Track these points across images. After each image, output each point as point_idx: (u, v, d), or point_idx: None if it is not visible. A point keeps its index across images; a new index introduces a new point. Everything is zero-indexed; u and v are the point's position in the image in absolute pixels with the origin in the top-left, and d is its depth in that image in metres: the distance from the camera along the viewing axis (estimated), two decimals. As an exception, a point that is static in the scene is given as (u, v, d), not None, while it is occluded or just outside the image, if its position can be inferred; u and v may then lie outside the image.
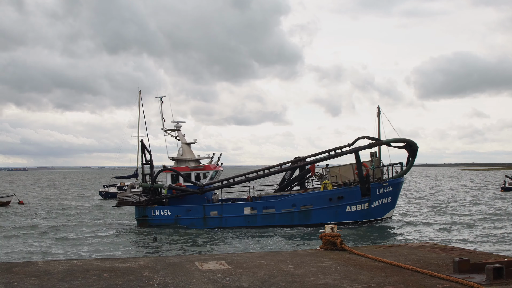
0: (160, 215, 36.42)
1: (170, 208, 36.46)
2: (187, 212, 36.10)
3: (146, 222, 36.51)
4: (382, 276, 7.60)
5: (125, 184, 75.24)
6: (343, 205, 34.56)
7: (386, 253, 9.61)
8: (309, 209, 34.69)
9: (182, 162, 39.43)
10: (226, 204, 36.47)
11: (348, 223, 34.58)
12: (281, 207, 34.99)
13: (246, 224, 35.09)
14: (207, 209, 36.04)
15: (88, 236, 32.51)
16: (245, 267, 8.41)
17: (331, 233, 10.06)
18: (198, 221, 35.72)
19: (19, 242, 30.58)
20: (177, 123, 40.88)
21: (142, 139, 39.43)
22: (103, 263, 9.02)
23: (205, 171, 38.21)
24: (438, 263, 8.60)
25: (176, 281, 7.41)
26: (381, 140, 36.84)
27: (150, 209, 36.68)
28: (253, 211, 35.34)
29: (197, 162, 39.63)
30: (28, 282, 7.53)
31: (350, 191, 34.76)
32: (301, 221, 34.74)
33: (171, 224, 35.87)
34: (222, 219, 35.39)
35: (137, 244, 29.24)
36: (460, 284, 6.88)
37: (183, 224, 35.79)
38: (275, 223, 34.69)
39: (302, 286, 6.99)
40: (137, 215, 37.38)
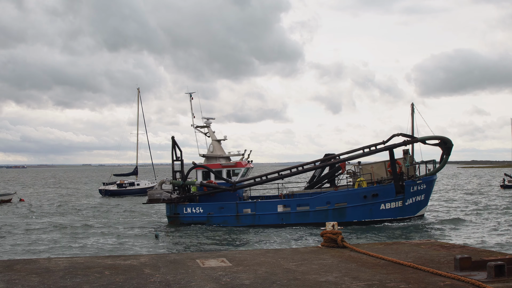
0: (192, 213, 35.87)
1: (202, 206, 35.87)
2: (219, 210, 35.54)
3: (177, 220, 35.98)
4: (383, 273, 7.59)
5: (124, 182, 75.23)
6: (378, 203, 34.15)
7: (387, 251, 9.61)
8: (344, 207, 34.22)
9: (212, 159, 38.78)
10: (259, 202, 35.89)
11: (383, 220, 34.20)
12: (315, 204, 34.48)
13: (279, 222, 34.55)
14: (240, 206, 35.48)
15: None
16: (246, 265, 8.40)
17: (332, 231, 10.06)
18: (231, 219, 35.16)
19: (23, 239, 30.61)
20: (206, 120, 40.18)
21: (173, 136, 38.20)
22: (104, 261, 9.02)
23: (236, 168, 37.64)
24: (439, 260, 8.60)
25: (178, 278, 7.41)
26: (416, 137, 36.25)
27: (182, 206, 36.06)
28: (287, 209, 34.83)
29: (228, 159, 39.06)
30: (29, 279, 7.53)
31: (385, 188, 34.31)
32: (336, 219, 33.57)
33: (203, 221, 35.38)
34: (255, 216, 34.82)
35: (138, 242, 29.24)
36: (461, 282, 6.88)
37: (216, 221, 35.27)
38: (309, 220, 34.13)
39: (303, 284, 6.99)
40: (168, 212, 36.66)
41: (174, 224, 35.75)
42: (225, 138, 39.98)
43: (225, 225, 34.72)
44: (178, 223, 35.77)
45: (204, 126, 40.17)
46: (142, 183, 77.55)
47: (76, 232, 33.34)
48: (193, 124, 40.38)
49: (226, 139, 39.91)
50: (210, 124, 40.18)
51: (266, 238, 30.08)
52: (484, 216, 39.31)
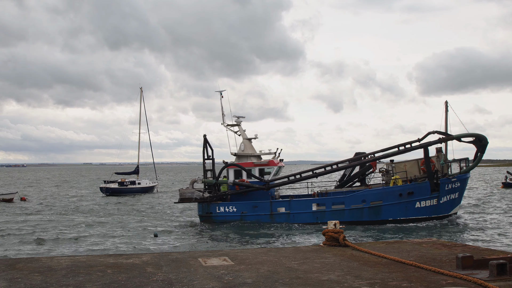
0: (225, 212, 35.60)
1: (235, 205, 35.61)
2: (253, 209, 35.31)
3: (210, 219, 35.71)
4: (385, 272, 7.60)
5: (125, 180, 75.22)
6: (413, 201, 33.92)
7: (389, 249, 9.61)
8: (379, 205, 33.96)
9: (243, 158, 38.50)
10: (293, 200, 35.48)
11: (418, 219, 33.97)
12: (350, 203, 34.25)
13: (314, 221, 34.25)
14: (274, 205, 35.21)
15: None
16: (248, 263, 8.41)
17: (334, 229, 10.06)
18: (265, 218, 34.91)
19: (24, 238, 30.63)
20: (237, 118, 39.84)
21: (205, 134, 37.84)
22: (107, 259, 9.03)
23: (269, 166, 37.35)
24: (441, 259, 8.60)
25: (180, 277, 7.42)
26: (451, 135, 35.92)
27: (215, 205, 35.77)
28: (322, 207, 34.58)
29: (259, 157, 38.74)
30: (32, 278, 7.54)
31: (420, 186, 34.04)
32: (371, 217, 34.00)
33: (237, 220, 35.11)
34: (290, 215, 34.56)
35: (139, 240, 29.25)
36: (463, 280, 6.88)
37: (249, 220, 34.98)
38: (344, 219, 33.53)
39: (305, 282, 7.00)
40: (201, 211, 36.36)
41: (206, 223, 35.35)
42: (256, 136, 39.55)
43: (259, 224, 34.29)
44: (210, 222, 35.41)
45: (235, 124, 39.76)
46: (143, 182, 77.62)
47: (77, 231, 33.37)
48: (223, 122, 39.91)
49: (257, 137, 39.50)
50: (241, 122, 39.77)
51: (268, 237, 30.09)
52: (486, 215, 39.28)
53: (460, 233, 30.42)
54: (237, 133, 39.79)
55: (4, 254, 24.60)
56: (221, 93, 40.75)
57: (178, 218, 41.55)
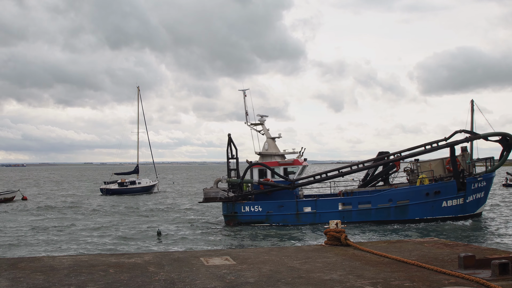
0: (251, 211, 35.45)
1: (261, 204, 35.42)
2: (279, 208, 35.15)
3: (235, 219, 35.60)
4: (387, 271, 7.60)
5: (125, 181, 75.22)
6: (439, 200, 33.90)
7: (390, 249, 9.61)
8: (406, 204, 33.88)
9: (267, 157, 38.38)
10: (320, 200, 35.48)
11: (444, 218, 33.94)
12: (377, 202, 34.16)
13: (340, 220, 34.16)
14: (300, 204, 35.09)
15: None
16: (250, 263, 8.41)
17: (336, 229, 10.07)
18: (291, 217, 34.79)
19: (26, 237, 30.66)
20: (261, 117, 39.67)
21: (229, 133, 37.86)
22: (109, 259, 9.03)
23: (294, 166, 37.25)
24: (443, 258, 8.60)
25: (182, 276, 7.42)
26: (478, 134, 35.85)
27: (240, 205, 35.71)
28: (348, 207, 34.49)
29: (282, 156, 38.62)
30: (34, 277, 7.54)
31: (447, 185, 33.99)
32: (398, 217, 33.92)
33: (262, 220, 35.03)
34: (316, 215, 34.43)
35: (140, 240, 29.29)
36: (466, 280, 6.88)
37: (275, 220, 34.89)
38: (371, 218, 33.91)
39: (308, 282, 7.00)
40: (226, 211, 36.29)
41: (231, 223, 35.29)
42: (280, 136, 39.37)
43: (285, 224, 34.24)
44: (235, 222, 35.35)
45: (258, 123, 39.59)
46: (143, 181, 77.64)
47: (78, 231, 33.40)
48: (246, 121, 39.77)
49: (281, 136, 39.36)
50: (264, 121, 39.59)
51: (269, 236, 30.12)
52: (487, 215, 39.30)
53: (462, 233, 30.43)
54: (260, 132, 39.49)
55: (5, 254, 24.62)
56: (244, 92, 40.40)
57: (179, 217, 41.57)
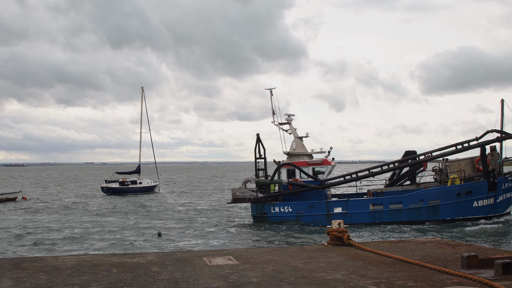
0: (281, 212, 35.14)
1: (291, 205, 35.16)
2: (309, 209, 34.85)
3: (264, 219, 35.30)
4: (390, 271, 7.60)
5: (126, 180, 75.21)
6: (471, 200, 33.71)
7: (393, 249, 9.62)
8: (437, 204, 33.67)
9: (295, 157, 38.03)
10: (350, 200, 35.17)
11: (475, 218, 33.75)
12: (408, 202, 33.89)
13: (371, 221, 33.96)
14: (330, 205, 34.81)
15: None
16: (253, 263, 8.42)
17: (338, 229, 10.07)
18: (321, 218, 34.39)
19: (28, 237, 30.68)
20: (288, 116, 39.29)
21: (258, 133, 37.47)
22: (111, 259, 9.04)
23: (323, 166, 36.86)
24: (445, 258, 8.60)
25: (185, 276, 7.43)
26: (510, 133, 35.42)
27: (269, 205, 35.41)
28: (379, 207, 34.22)
29: (310, 156, 38.23)
30: (37, 277, 7.55)
31: (478, 185, 33.80)
32: (429, 217, 33.69)
33: (292, 221, 34.72)
34: (347, 215, 34.02)
35: (142, 240, 29.30)
36: (469, 280, 6.88)
37: (305, 221, 34.55)
38: (402, 219, 33.60)
39: (311, 282, 7.00)
40: (255, 212, 35.92)
41: (260, 223, 34.94)
42: (307, 135, 39.04)
43: (315, 224, 33.96)
44: (265, 223, 35.03)
45: (286, 123, 39.23)
46: (145, 181, 77.65)
47: (79, 231, 33.42)
48: (273, 120, 39.41)
49: (308, 136, 39.03)
50: (292, 121, 39.23)
51: (270, 236, 30.12)
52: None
53: (464, 233, 30.42)
54: (287, 131, 39.13)
55: (8, 254, 24.65)
56: (271, 90, 39.98)
57: (179, 217, 41.57)
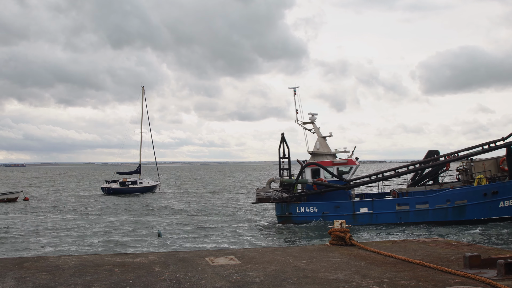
0: (306, 212, 34.90)
1: (316, 205, 34.95)
2: (335, 209, 34.65)
3: (289, 219, 35.07)
4: (393, 271, 7.60)
5: (127, 180, 75.18)
6: (497, 200, 33.52)
7: (395, 249, 9.61)
8: (464, 205, 33.50)
9: (319, 157, 37.79)
10: (376, 200, 34.96)
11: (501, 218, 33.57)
12: (434, 202, 33.70)
13: (397, 221, 33.81)
14: (356, 205, 34.61)
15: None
16: (255, 262, 8.42)
17: (340, 229, 10.06)
18: (347, 218, 33.63)
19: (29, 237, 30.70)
20: (311, 116, 39.08)
21: (283, 132, 37.36)
22: (113, 258, 9.05)
23: (348, 165, 36.71)
24: (448, 258, 8.60)
25: (188, 276, 7.43)
26: None
27: (295, 205, 35.17)
28: (405, 207, 34.03)
29: (334, 156, 38.02)
30: (40, 277, 7.55)
31: (505, 185, 33.54)
32: (455, 217, 33.54)
33: (318, 221, 34.46)
34: (373, 215, 33.96)
35: (143, 240, 29.30)
36: (472, 279, 6.88)
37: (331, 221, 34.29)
38: (429, 219, 33.46)
39: (314, 281, 7.00)
40: (280, 212, 35.63)
41: (285, 224, 34.73)
42: (331, 134, 38.78)
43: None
44: (290, 223, 34.84)
45: (309, 122, 39.01)
46: (145, 181, 77.66)
47: (79, 230, 33.44)
48: (297, 120, 39.09)
49: (332, 135, 38.81)
50: (315, 120, 38.99)
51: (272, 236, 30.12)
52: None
53: (465, 233, 30.41)
54: (311, 131, 38.93)
55: (10, 253, 24.67)
56: (294, 90, 39.71)
57: (179, 217, 41.58)
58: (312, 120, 38.89)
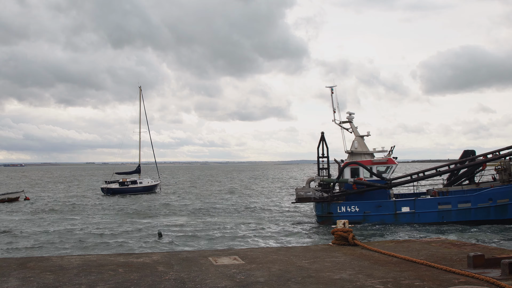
0: (347, 212, 34.51)
1: (358, 204, 34.68)
2: (377, 208, 34.36)
3: (330, 219, 34.38)
4: (397, 271, 7.61)
5: (127, 180, 75.08)
6: None
7: (398, 248, 9.62)
8: (506, 203, 33.24)
9: (357, 156, 37.49)
10: (418, 199, 34.53)
11: None
12: (477, 201, 33.42)
13: (439, 220, 33.55)
14: (398, 204, 34.25)
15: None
16: (259, 262, 8.43)
17: (343, 228, 10.07)
18: (389, 217, 33.89)
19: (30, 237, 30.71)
20: (349, 115, 38.69)
21: (323, 131, 37.02)
22: (117, 258, 9.05)
23: (388, 165, 36.32)
24: (451, 258, 8.60)
25: (192, 276, 7.44)
26: None
27: (336, 205, 34.77)
28: (447, 206, 33.79)
29: (372, 155, 37.65)
30: (44, 277, 7.56)
31: None
32: (498, 216, 33.28)
33: (359, 221, 34.06)
34: (415, 214, 33.60)
35: (144, 240, 29.29)
36: (476, 279, 6.89)
37: (372, 220, 34.03)
38: (471, 218, 33.21)
39: (318, 281, 7.00)
40: (320, 211, 35.12)
41: (326, 224, 34.27)
42: (368, 134, 38.52)
43: (383, 224, 33.60)
44: (331, 223, 34.00)
45: (346, 121, 38.64)
46: (145, 181, 77.58)
47: (79, 231, 33.43)
48: (334, 119, 38.67)
49: (370, 135, 38.49)
50: (353, 119, 38.64)
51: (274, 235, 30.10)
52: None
53: (467, 232, 30.41)
54: (348, 130, 38.58)
55: (12, 253, 24.68)
56: (332, 88, 39.34)
57: (180, 217, 41.58)
58: (349, 120, 38.52)
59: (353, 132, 38.48)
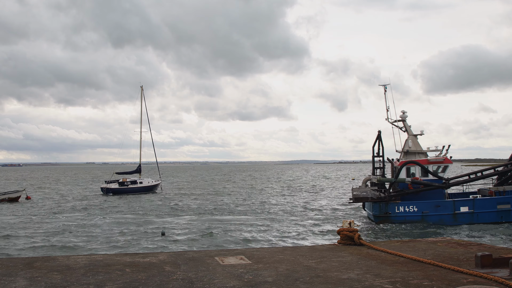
0: (405, 212, 34.42)
1: (416, 204, 34.59)
2: (435, 208, 34.20)
3: (388, 219, 34.57)
4: (404, 270, 7.60)
5: (126, 180, 74.99)
6: None
7: (404, 248, 9.61)
8: None
9: (411, 155, 37.43)
10: (478, 199, 34.52)
11: None
12: None
13: (499, 220, 33.59)
14: (457, 204, 34.17)
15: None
16: (266, 262, 8.42)
17: (349, 228, 10.07)
18: (448, 217, 33.84)
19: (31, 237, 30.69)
20: (402, 114, 38.48)
21: (379, 130, 36.95)
22: (123, 258, 9.04)
23: (445, 164, 36.16)
24: (458, 257, 8.60)
25: (200, 276, 7.43)
26: None
27: (394, 205, 34.65)
28: (506, 206, 33.85)
29: (425, 154, 37.56)
30: (51, 276, 7.55)
31: None
32: None
33: (417, 221, 33.92)
34: (474, 214, 33.55)
35: (148, 240, 29.28)
36: (484, 279, 6.88)
37: (431, 220, 33.94)
38: None
39: (326, 281, 7.00)
40: (377, 211, 35.00)
41: (383, 223, 34.31)
42: (422, 133, 38.25)
43: (441, 224, 33.48)
44: (389, 222, 34.41)
45: (400, 120, 38.48)
46: (145, 181, 77.50)
47: (80, 231, 33.43)
48: (387, 118, 38.58)
49: (423, 134, 38.28)
50: (406, 118, 38.45)
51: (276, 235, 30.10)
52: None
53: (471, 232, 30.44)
54: (402, 129, 38.47)
55: (17, 253, 24.67)
56: (385, 87, 39.16)
57: (181, 217, 41.56)
58: (403, 118, 38.32)
59: (407, 131, 38.22)
